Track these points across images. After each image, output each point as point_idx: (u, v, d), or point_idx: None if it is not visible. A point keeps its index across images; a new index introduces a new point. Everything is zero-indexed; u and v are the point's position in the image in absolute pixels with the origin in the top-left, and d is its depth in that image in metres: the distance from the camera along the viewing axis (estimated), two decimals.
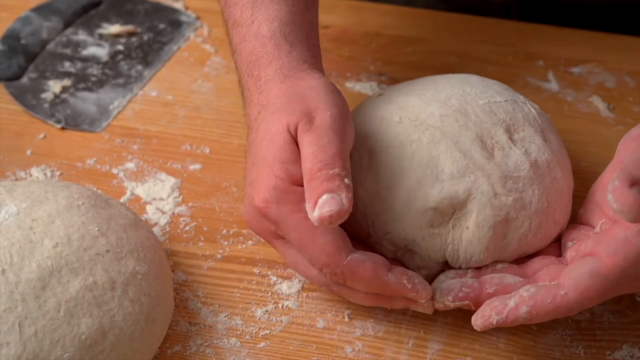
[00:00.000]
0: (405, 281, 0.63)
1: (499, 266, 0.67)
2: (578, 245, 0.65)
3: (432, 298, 0.64)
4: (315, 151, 0.62)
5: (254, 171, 0.65)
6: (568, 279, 0.61)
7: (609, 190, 0.57)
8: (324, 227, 0.61)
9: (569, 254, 0.66)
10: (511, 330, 0.68)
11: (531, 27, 0.92)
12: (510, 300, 0.61)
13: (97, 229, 0.65)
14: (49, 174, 0.77)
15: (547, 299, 0.61)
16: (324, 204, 0.59)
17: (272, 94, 0.66)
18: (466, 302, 0.64)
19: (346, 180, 0.61)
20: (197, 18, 0.91)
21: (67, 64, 0.85)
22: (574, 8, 0.94)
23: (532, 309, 0.61)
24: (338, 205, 0.59)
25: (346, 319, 0.68)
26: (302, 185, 0.62)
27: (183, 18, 0.91)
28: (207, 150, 0.79)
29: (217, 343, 0.66)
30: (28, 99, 0.82)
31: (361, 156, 0.68)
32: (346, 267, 0.62)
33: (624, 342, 0.67)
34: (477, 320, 0.62)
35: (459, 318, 0.68)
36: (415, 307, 0.65)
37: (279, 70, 0.67)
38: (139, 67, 0.86)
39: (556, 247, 0.69)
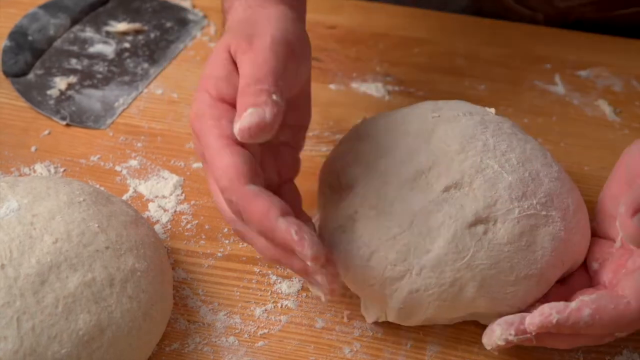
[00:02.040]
0: (293, 231, 0.58)
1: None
2: (611, 264, 0.65)
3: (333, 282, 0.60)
4: (249, 69, 0.62)
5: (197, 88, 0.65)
6: (628, 288, 0.60)
7: (618, 216, 0.58)
8: (233, 149, 0.60)
9: (605, 275, 0.65)
10: None
11: (539, 30, 0.92)
12: (572, 303, 0.60)
13: (97, 225, 0.65)
14: (52, 170, 0.77)
15: (610, 305, 0.59)
16: (245, 116, 0.59)
17: (230, 22, 0.68)
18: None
19: (274, 96, 0.60)
20: (205, 16, 0.91)
21: (73, 61, 0.86)
22: (602, 26, 0.93)
23: (595, 313, 0.59)
24: (259, 118, 0.58)
25: (345, 319, 0.68)
26: (225, 103, 0.62)
27: (190, 16, 0.91)
28: None
29: (216, 341, 0.66)
30: (34, 95, 0.83)
31: None
32: (240, 196, 0.59)
33: (624, 347, 0.67)
34: (535, 319, 0.60)
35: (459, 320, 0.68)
36: (312, 283, 0.61)
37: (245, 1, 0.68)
38: (145, 65, 0.86)
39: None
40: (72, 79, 0.84)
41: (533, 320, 0.60)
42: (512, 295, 0.64)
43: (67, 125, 0.81)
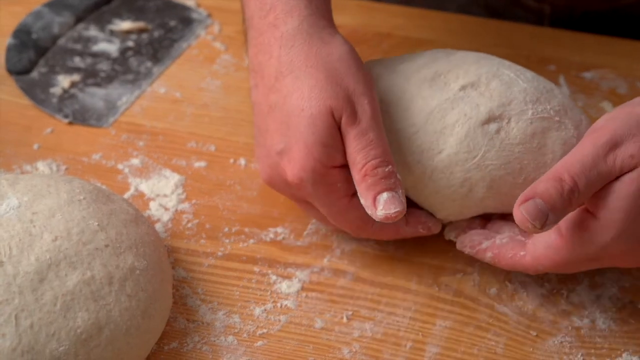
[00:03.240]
0: (420, 229, 0.70)
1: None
2: None
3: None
4: (365, 147, 0.65)
5: (286, 143, 0.66)
6: (531, 244, 0.66)
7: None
8: (354, 204, 0.67)
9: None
10: (510, 336, 0.67)
11: (544, 31, 0.91)
12: (485, 242, 0.68)
13: (97, 223, 0.65)
14: (54, 168, 0.77)
15: (509, 254, 0.67)
16: (387, 203, 0.64)
17: (298, 55, 0.67)
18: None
19: (398, 175, 0.65)
20: (209, 15, 0.91)
21: (77, 59, 0.86)
22: (609, 18, 0.93)
23: (495, 257, 0.67)
24: (401, 205, 0.64)
25: (345, 319, 0.68)
26: (338, 165, 0.66)
27: (194, 15, 0.91)
28: (213, 148, 0.79)
29: (215, 341, 0.66)
30: (37, 93, 0.83)
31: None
32: (372, 233, 0.69)
33: (624, 350, 0.66)
34: (458, 243, 0.69)
35: (458, 322, 0.68)
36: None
37: (301, 24, 0.67)
38: (149, 64, 0.86)
39: None
40: (76, 77, 0.84)
41: (458, 242, 0.69)
42: None
43: (70, 123, 0.81)
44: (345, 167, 0.66)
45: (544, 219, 0.61)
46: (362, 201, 0.65)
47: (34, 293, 0.61)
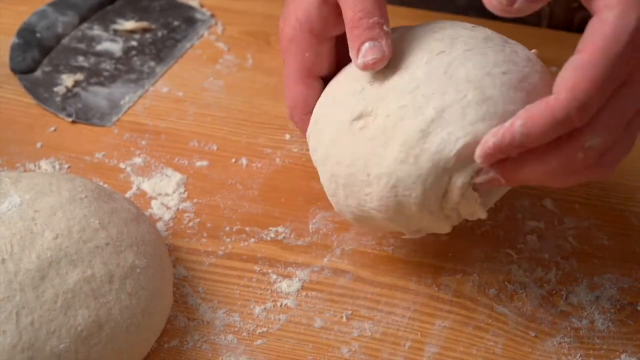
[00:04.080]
0: None
1: None
2: None
3: None
4: (355, 2, 0.65)
5: (287, 7, 0.70)
6: (557, 84, 0.58)
7: None
8: (307, 82, 0.69)
9: None
10: (509, 337, 0.67)
11: (546, 33, 0.91)
12: (507, 122, 0.58)
13: (98, 222, 0.66)
14: (57, 166, 0.77)
15: (539, 106, 0.57)
16: (367, 52, 0.64)
17: None
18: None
19: (385, 27, 0.65)
20: (212, 16, 0.91)
21: (80, 59, 0.86)
22: None
23: (526, 120, 0.57)
24: (380, 53, 0.64)
25: (344, 319, 0.68)
26: (314, 32, 0.68)
27: (198, 15, 0.91)
28: (215, 148, 0.80)
29: (214, 339, 0.67)
30: (41, 92, 0.83)
31: None
32: (301, 121, 0.70)
33: (623, 352, 0.67)
34: (477, 151, 0.59)
35: (457, 322, 0.68)
36: None
37: None
38: (152, 64, 0.86)
39: None
40: (79, 76, 0.85)
41: (477, 152, 0.59)
42: None
43: (73, 122, 0.81)
44: (331, 44, 0.69)
45: None
46: (350, 54, 0.65)
47: (34, 290, 0.61)
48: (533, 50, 0.69)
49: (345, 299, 0.69)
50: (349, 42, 0.66)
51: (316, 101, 0.69)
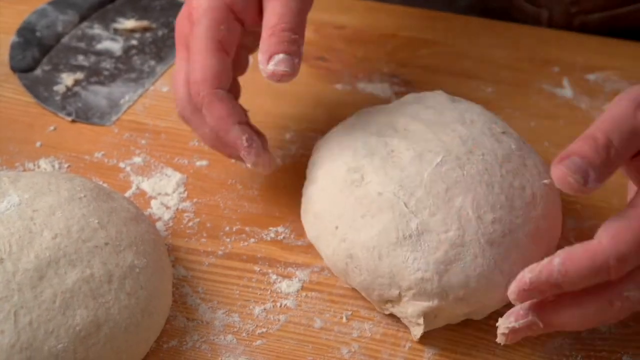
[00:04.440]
0: (245, 138, 0.68)
1: None
2: None
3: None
4: (283, 12, 0.67)
5: None
6: (601, 230, 0.59)
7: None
8: (219, 54, 0.68)
9: None
10: None
11: (548, 33, 0.91)
12: (544, 260, 0.59)
13: (97, 221, 0.65)
14: (57, 166, 0.77)
15: (579, 249, 0.58)
16: (280, 61, 0.66)
17: None
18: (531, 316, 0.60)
19: (301, 48, 0.67)
20: None
21: (80, 58, 0.86)
22: (607, 25, 0.92)
23: (565, 259, 0.57)
24: (292, 68, 0.66)
25: (344, 320, 0.68)
26: (235, 11, 0.68)
27: None
28: None
29: (214, 339, 0.66)
30: (40, 91, 0.83)
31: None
32: (209, 95, 0.68)
33: (624, 354, 0.66)
34: (511, 287, 0.59)
35: (457, 323, 0.68)
36: (248, 161, 0.69)
37: None
38: (152, 63, 0.86)
39: None
40: (79, 75, 0.84)
41: (511, 288, 0.59)
42: None
43: (73, 121, 0.81)
44: (241, 30, 0.69)
45: (585, 174, 0.57)
46: (259, 57, 0.67)
47: (33, 290, 0.61)
48: (545, 181, 0.69)
49: (345, 300, 0.69)
50: (261, 47, 0.67)
51: (228, 78, 0.68)
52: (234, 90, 0.73)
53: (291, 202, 0.75)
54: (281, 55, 0.66)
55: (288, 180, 0.77)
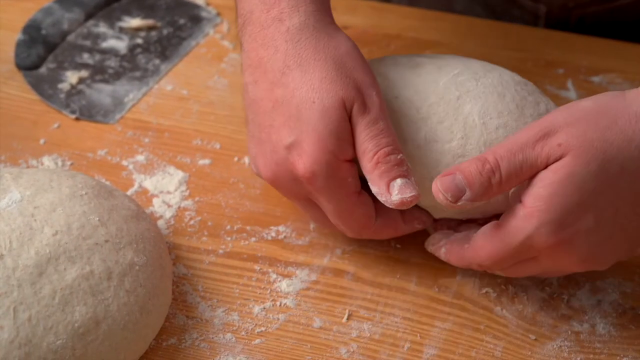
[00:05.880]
0: (416, 224, 0.70)
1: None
2: None
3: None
4: (376, 135, 0.65)
5: (296, 135, 0.65)
6: (474, 235, 0.66)
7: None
8: (362, 199, 0.67)
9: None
10: (509, 340, 0.67)
11: (553, 35, 0.91)
12: (443, 240, 0.69)
13: (97, 219, 0.66)
14: (60, 163, 0.77)
15: (457, 248, 0.67)
16: (402, 188, 0.64)
17: (305, 49, 0.66)
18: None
19: (409, 163, 0.66)
20: (218, 14, 0.91)
21: (85, 56, 0.86)
22: (605, 18, 0.92)
23: (447, 252, 0.68)
24: (415, 191, 0.64)
25: (343, 319, 0.68)
26: (350, 159, 0.66)
27: (204, 14, 0.91)
28: (218, 146, 0.79)
29: (213, 338, 0.66)
30: (45, 88, 0.83)
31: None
32: (373, 232, 0.69)
33: (624, 356, 0.66)
34: (425, 243, 0.70)
35: (456, 324, 0.68)
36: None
37: (307, 19, 0.67)
38: (157, 61, 0.86)
39: None
40: (84, 73, 0.85)
41: (425, 245, 0.70)
42: None
43: (77, 119, 0.81)
44: (354, 161, 0.66)
45: (459, 194, 0.62)
46: (374, 189, 0.65)
47: (32, 286, 0.61)
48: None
49: (345, 300, 0.69)
50: (371, 177, 0.65)
51: (374, 211, 0.68)
52: None
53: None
54: (399, 181, 0.64)
55: None
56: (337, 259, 0.71)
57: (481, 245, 0.65)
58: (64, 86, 0.83)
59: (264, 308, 0.68)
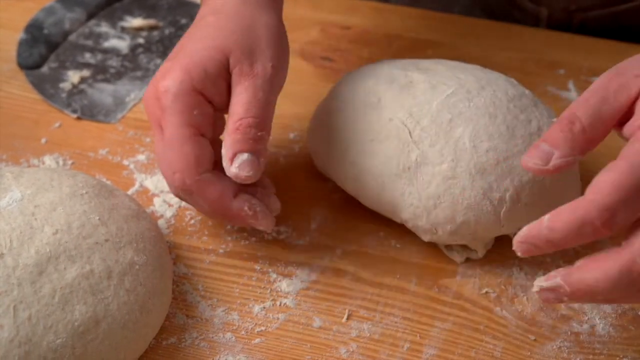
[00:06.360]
0: (246, 208, 0.67)
1: None
2: None
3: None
4: (249, 102, 0.65)
5: (174, 59, 0.67)
6: (587, 187, 0.59)
7: None
8: (195, 140, 0.66)
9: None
10: (508, 340, 0.67)
11: (555, 35, 0.91)
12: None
13: (98, 218, 0.66)
14: (61, 162, 0.78)
15: (566, 206, 0.58)
16: (244, 164, 0.65)
17: (229, 6, 0.69)
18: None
19: (266, 144, 0.66)
20: None
21: (87, 55, 0.86)
22: (607, 23, 0.92)
23: (552, 216, 0.58)
24: (257, 171, 0.65)
25: (343, 319, 0.68)
26: (207, 96, 0.66)
27: None
28: None
29: (213, 337, 0.67)
30: (46, 88, 0.83)
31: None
32: (196, 183, 0.66)
33: (623, 357, 0.66)
34: (513, 244, 0.61)
35: (456, 324, 0.68)
36: (255, 225, 0.69)
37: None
38: (158, 61, 0.87)
39: None
40: (85, 72, 0.85)
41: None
42: None
43: (78, 118, 0.82)
44: (214, 111, 0.67)
45: (547, 156, 0.60)
46: (223, 151, 0.65)
47: (32, 285, 0.61)
48: (555, 119, 0.69)
49: (345, 299, 0.69)
50: (225, 141, 0.65)
51: (209, 158, 0.67)
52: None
53: (293, 201, 0.75)
54: (245, 155, 0.65)
55: (290, 179, 0.77)
56: (337, 259, 0.72)
57: (606, 180, 0.57)
58: (66, 85, 0.84)
59: (264, 307, 0.68)
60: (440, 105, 0.69)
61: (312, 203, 0.75)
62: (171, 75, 0.66)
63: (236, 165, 0.65)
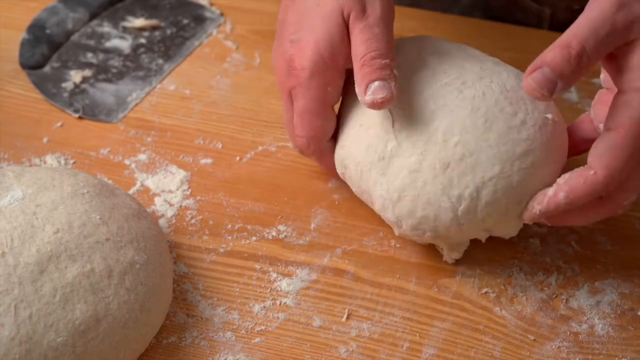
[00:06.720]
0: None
1: None
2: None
3: None
4: (368, 39, 0.68)
5: (299, 33, 0.70)
6: (592, 158, 0.64)
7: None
8: (328, 113, 0.71)
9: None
10: (508, 340, 0.67)
11: (555, 36, 0.90)
12: (550, 189, 0.66)
13: (99, 217, 0.66)
14: (62, 161, 0.78)
15: (580, 182, 0.64)
16: (377, 90, 0.66)
17: None
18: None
19: (395, 70, 0.67)
20: (221, 14, 0.92)
21: (89, 55, 0.87)
22: None
23: (569, 193, 0.64)
24: (389, 93, 0.66)
25: (343, 319, 0.68)
26: (338, 67, 0.70)
27: (207, 14, 0.91)
28: (220, 146, 0.80)
29: (213, 336, 0.67)
30: (49, 87, 0.84)
31: None
32: (319, 151, 0.72)
33: (622, 357, 0.66)
34: (525, 215, 0.67)
35: (456, 324, 0.68)
36: None
37: None
38: (160, 61, 0.87)
39: None
40: (87, 72, 0.85)
41: (524, 216, 0.67)
42: None
43: (80, 118, 0.82)
44: (341, 70, 0.70)
45: (552, 87, 0.62)
46: (357, 90, 0.67)
47: (33, 284, 0.62)
48: (548, 115, 0.69)
49: (345, 299, 0.69)
50: (356, 78, 0.67)
51: (333, 129, 0.72)
52: None
53: (293, 201, 0.75)
54: (376, 83, 0.66)
55: (291, 179, 0.77)
56: (337, 259, 0.72)
57: (609, 154, 0.62)
58: (68, 85, 0.84)
59: (264, 307, 0.69)
60: (430, 95, 0.68)
61: (312, 203, 0.75)
62: (303, 54, 0.69)
63: (369, 93, 0.66)
